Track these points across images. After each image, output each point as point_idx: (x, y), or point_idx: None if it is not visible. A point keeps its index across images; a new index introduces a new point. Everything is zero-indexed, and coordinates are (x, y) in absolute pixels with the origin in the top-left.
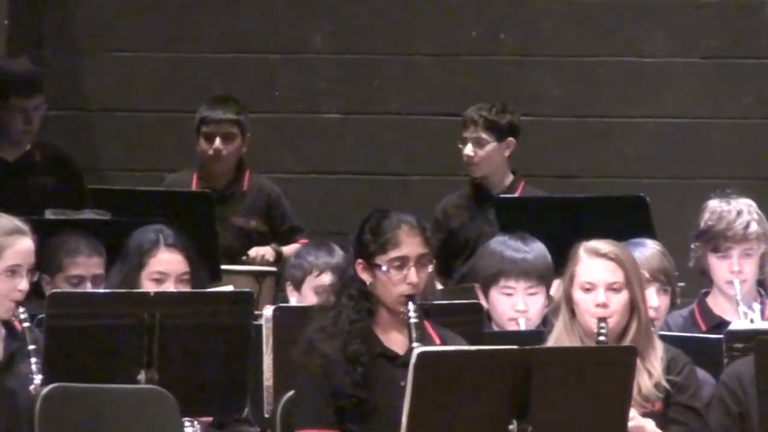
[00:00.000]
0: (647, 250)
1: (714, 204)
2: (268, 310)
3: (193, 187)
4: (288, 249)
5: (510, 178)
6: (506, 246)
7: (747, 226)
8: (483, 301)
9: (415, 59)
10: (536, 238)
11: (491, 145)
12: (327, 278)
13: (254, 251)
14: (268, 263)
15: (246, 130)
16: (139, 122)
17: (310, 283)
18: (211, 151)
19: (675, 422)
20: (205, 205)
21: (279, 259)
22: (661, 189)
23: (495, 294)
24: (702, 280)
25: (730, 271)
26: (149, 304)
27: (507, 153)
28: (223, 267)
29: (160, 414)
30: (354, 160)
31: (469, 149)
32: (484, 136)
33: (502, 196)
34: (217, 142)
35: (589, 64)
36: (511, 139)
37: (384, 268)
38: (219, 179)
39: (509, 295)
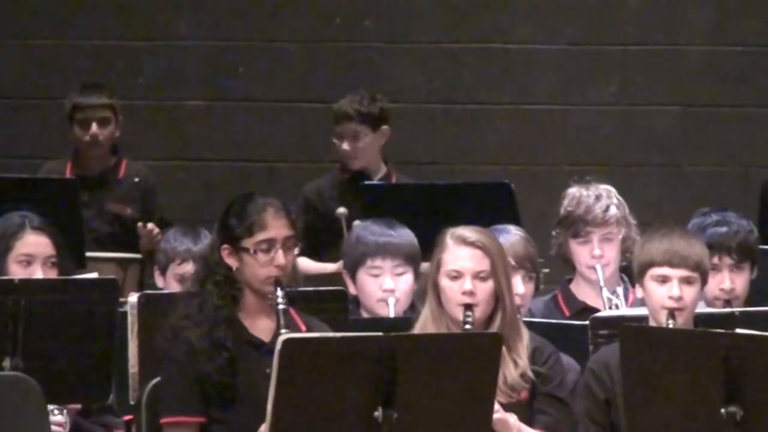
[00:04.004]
0: (511, 237)
1: (573, 190)
2: (132, 297)
3: (68, 175)
4: None
5: (383, 168)
6: (369, 231)
7: (606, 209)
8: (351, 287)
9: (278, 46)
10: (402, 224)
11: (368, 137)
12: (188, 267)
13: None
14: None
15: (119, 114)
16: (4, 109)
17: (172, 270)
18: (87, 137)
19: (541, 412)
20: (70, 191)
21: None
22: (526, 176)
23: (363, 276)
24: (565, 267)
25: (591, 256)
26: (14, 291)
27: (383, 141)
28: (88, 254)
29: (25, 401)
30: (219, 147)
31: (346, 145)
32: (360, 128)
33: (366, 182)
34: (94, 127)
35: (453, 51)
36: (385, 127)
37: (251, 251)
38: (94, 166)
39: (376, 276)
